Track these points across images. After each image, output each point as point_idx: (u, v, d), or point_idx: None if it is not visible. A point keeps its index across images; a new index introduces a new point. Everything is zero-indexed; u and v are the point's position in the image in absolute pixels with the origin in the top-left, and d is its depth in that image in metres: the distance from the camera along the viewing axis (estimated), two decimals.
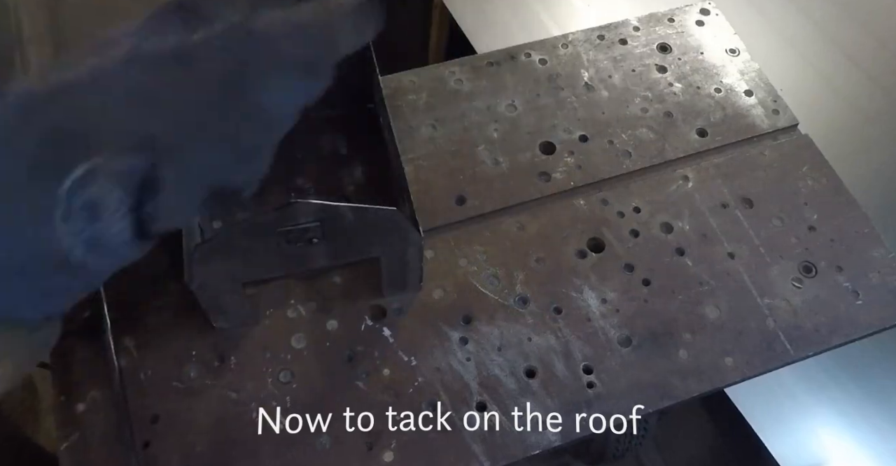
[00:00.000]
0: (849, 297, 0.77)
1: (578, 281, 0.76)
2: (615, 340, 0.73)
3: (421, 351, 0.71)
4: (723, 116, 0.88)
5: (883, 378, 1.03)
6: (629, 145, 0.85)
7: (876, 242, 0.81)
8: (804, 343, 0.74)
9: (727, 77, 0.91)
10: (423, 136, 0.83)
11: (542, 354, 0.71)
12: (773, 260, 0.79)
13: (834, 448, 1.01)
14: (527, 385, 0.70)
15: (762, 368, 0.73)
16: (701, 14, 0.96)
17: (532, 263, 0.76)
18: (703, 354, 0.73)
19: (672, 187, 0.83)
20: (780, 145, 0.87)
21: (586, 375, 0.71)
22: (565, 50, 0.92)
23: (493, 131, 0.85)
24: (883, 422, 1.01)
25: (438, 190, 0.80)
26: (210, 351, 0.69)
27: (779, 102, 0.90)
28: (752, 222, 0.81)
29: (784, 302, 0.76)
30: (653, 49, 0.93)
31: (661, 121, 0.87)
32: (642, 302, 0.75)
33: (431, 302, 0.73)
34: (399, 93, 0.86)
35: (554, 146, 0.84)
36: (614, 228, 0.79)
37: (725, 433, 1.53)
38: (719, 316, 0.75)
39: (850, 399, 1.02)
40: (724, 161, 0.85)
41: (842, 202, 0.83)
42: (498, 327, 0.72)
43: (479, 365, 0.70)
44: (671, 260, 0.78)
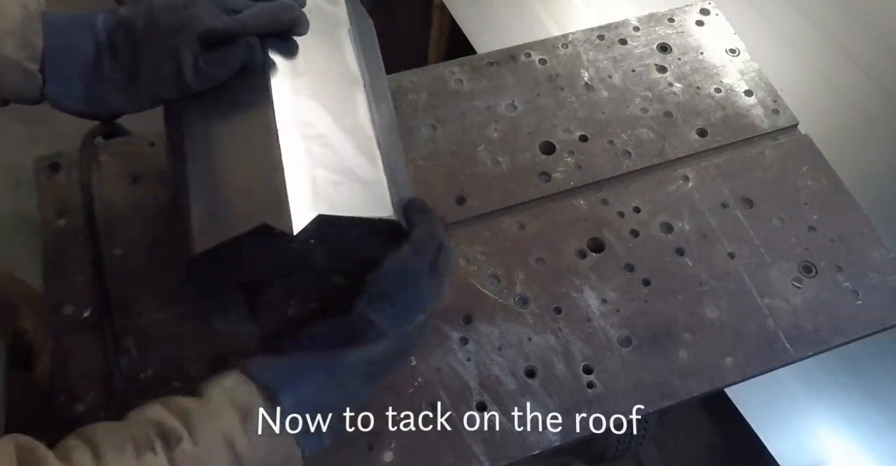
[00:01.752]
0: (849, 297, 0.77)
1: (578, 281, 0.76)
2: (615, 340, 0.73)
3: (421, 351, 0.70)
4: (723, 116, 0.88)
5: (883, 378, 1.03)
6: (629, 145, 0.85)
7: (876, 242, 0.81)
8: (804, 343, 0.74)
9: (727, 77, 0.91)
10: (423, 136, 0.83)
11: (542, 354, 0.71)
12: (773, 260, 0.79)
13: (834, 448, 1.01)
14: (527, 385, 0.70)
15: (762, 368, 0.73)
16: (701, 14, 0.96)
17: (532, 263, 0.76)
18: (703, 354, 0.73)
19: (672, 187, 0.83)
20: (780, 145, 0.87)
21: (586, 375, 0.71)
22: (565, 50, 0.92)
23: (493, 131, 0.85)
24: (883, 422, 1.01)
25: (438, 190, 0.80)
26: (210, 351, 0.69)
27: (779, 102, 0.90)
28: (752, 222, 0.81)
29: (784, 302, 0.76)
30: (653, 49, 0.93)
31: (661, 121, 0.87)
32: (642, 302, 0.75)
33: None
34: (399, 93, 0.86)
35: (554, 146, 0.84)
36: (614, 228, 0.79)
37: (725, 433, 1.53)
38: (719, 316, 0.75)
39: (850, 400, 1.02)
40: (724, 161, 0.85)
41: (842, 202, 0.83)
42: (498, 327, 0.72)
43: (479, 365, 0.70)
44: (671, 260, 0.78)
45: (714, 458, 1.55)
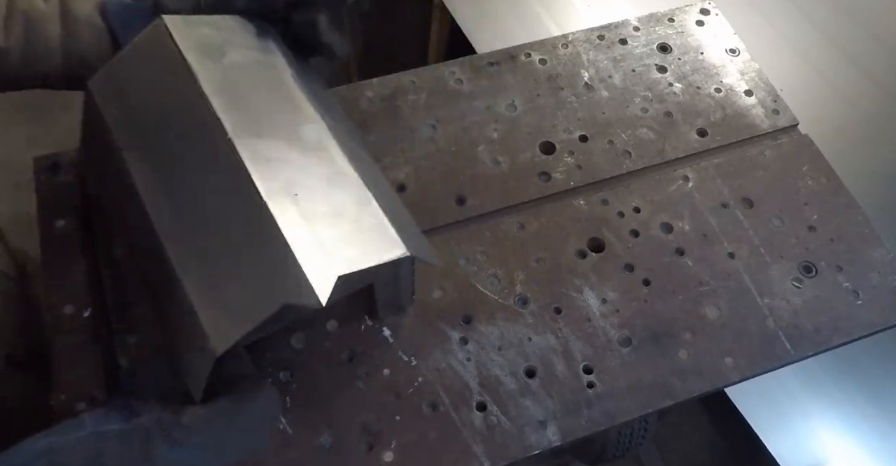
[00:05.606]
0: (849, 297, 0.77)
1: (578, 281, 0.76)
2: (615, 340, 0.73)
3: (421, 351, 0.71)
4: (723, 116, 0.88)
5: (883, 378, 1.03)
6: (629, 145, 0.85)
7: (876, 242, 0.81)
8: (804, 343, 0.74)
9: (727, 77, 0.91)
10: (423, 136, 0.83)
11: (542, 354, 0.71)
12: (773, 260, 0.79)
13: (834, 448, 1.01)
14: (527, 385, 0.70)
15: (762, 368, 0.73)
16: (701, 14, 0.96)
17: (532, 263, 0.76)
18: (703, 354, 0.73)
19: (672, 187, 0.83)
20: (780, 145, 0.87)
21: (586, 375, 0.71)
22: (565, 50, 0.92)
23: (493, 131, 0.85)
24: (883, 422, 1.01)
25: (438, 190, 0.80)
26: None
27: (779, 102, 0.90)
28: (752, 222, 0.81)
29: (784, 302, 0.76)
30: (653, 49, 0.93)
31: (661, 121, 0.87)
32: (642, 302, 0.75)
33: (431, 302, 0.73)
34: (399, 93, 0.86)
35: (554, 146, 0.84)
36: (614, 228, 0.79)
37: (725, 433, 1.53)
38: (719, 316, 0.75)
39: (850, 399, 1.03)
40: (724, 161, 0.85)
41: (842, 202, 0.83)
42: (498, 327, 0.72)
43: (479, 365, 0.70)
44: (671, 260, 0.78)
45: (714, 458, 1.56)
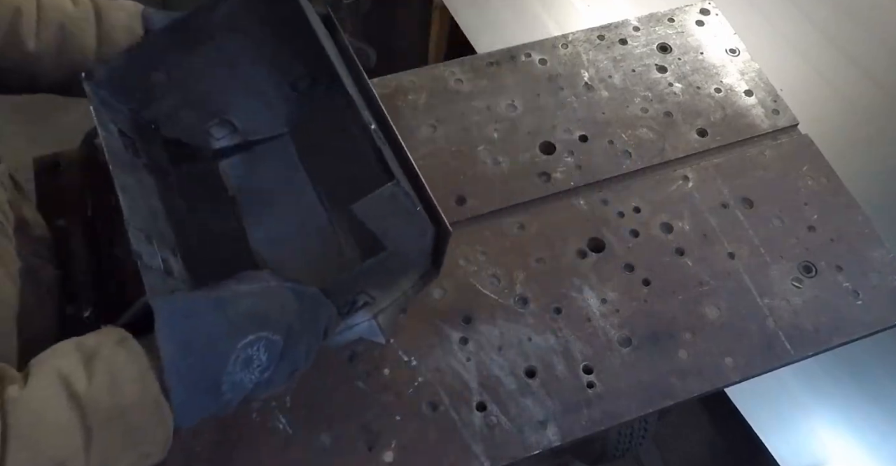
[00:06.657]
0: (849, 297, 0.77)
1: (578, 281, 0.76)
2: (615, 340, 0.73)
3: (421, 351, 0.71)
4: (723, 116, 0.88)
5: (883, 378, 1.03)
6: (629, 145, 0.85)
7: (876, 242, 0.81)
8: (804, 343, 0.74)
9: (727, 77, 0.91)
10: (423, 136, 0.83)
11: (542, 354, 0.71)
12: (773, 260, 0.79)
13: (834, 448, 1.01)
14: (527, 385, 0.70)
15: (762, 368, 0.73)
16: (701, 14, 0.96)
17: (532, 263, 0.76)
18: (703, 354, 0.73)
19: (672, 187, 0.83)
20: (780, 145, 0.87)
21: (586, 375, 0.71)
22: (565, 50, 0.92)
23: (493, 131, 0.85)
24: (883, 422, 1.01)
25: (438, 190, 0.79)
26: None
27: (779, 102, 0.90)
28: (752, 222, 0.81)
29: (784, 302, 0.76)
30: (653, 49, 0.93)
31: (661, 121, 0.87)
32: (642, 302, 0.75)
33: (431, 302, 0.73)
34: (399, 93, 0.86)
35: (554, 146, 0.84)
36: (614, 228, 0.79)
37: (725, 433, 1.53)
38: (719, 316, 0.75)
39: (850, 399, 1.02)
40: (724, 161, 0.85)
41: (842, 202, 0.83)
42: (498, 327, 0.72)
43: (479, 365, 0.70)
44: (671, 260, 0.78)
45: (714, 458, 1.55)
